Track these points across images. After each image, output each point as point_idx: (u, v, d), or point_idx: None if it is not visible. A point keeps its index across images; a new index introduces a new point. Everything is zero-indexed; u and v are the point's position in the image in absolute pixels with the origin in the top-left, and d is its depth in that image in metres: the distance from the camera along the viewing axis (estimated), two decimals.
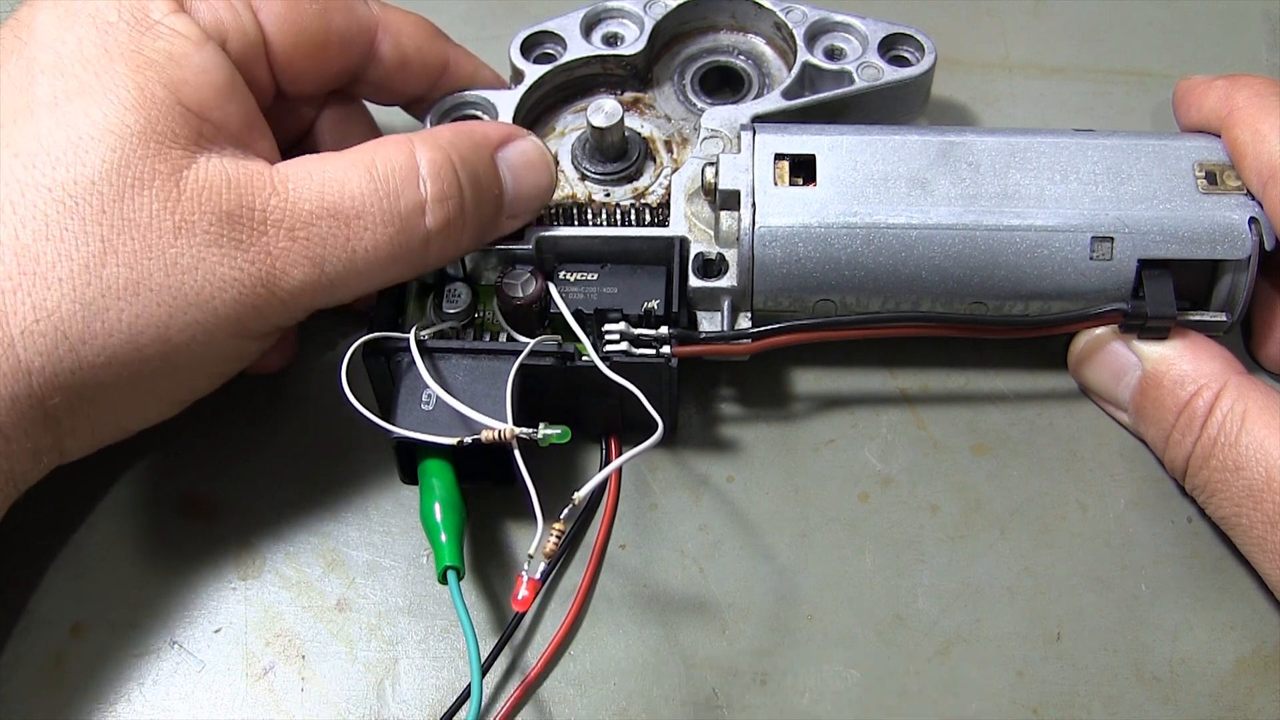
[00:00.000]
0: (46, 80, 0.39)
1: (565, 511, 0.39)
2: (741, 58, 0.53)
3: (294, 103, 0.47)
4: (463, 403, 0.41)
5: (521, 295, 0.44)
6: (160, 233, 0.38)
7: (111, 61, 0.39)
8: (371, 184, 0.41)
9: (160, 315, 0.38)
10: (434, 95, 0.49)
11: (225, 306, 0.39)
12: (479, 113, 0.49)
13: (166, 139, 0.39)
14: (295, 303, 0.40)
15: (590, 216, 0.47)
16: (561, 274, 0.45)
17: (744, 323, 0.46)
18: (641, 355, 0.43)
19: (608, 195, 0.49)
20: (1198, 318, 0.45)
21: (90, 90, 0.39)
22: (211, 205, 0.39)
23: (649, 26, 0.51)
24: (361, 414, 0.41)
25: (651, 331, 0.43)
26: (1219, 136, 0.46)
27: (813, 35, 0.51)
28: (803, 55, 0.50)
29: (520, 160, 0.44)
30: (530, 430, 0.41)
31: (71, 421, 0.39)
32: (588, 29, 0.52)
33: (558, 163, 0.48)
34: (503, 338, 0.45)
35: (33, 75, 0.39)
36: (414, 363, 0.42)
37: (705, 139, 0.48)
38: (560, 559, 0.45)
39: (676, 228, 0.46)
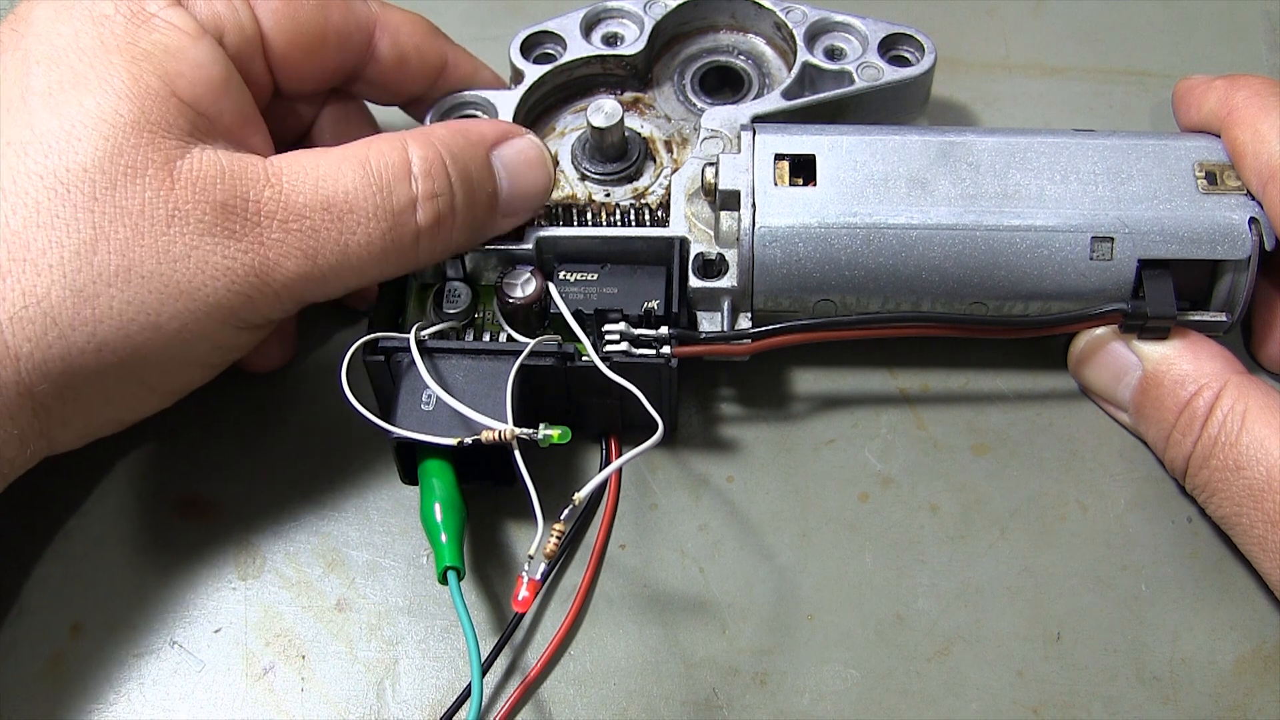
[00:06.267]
0: (41, 71, 0.39)
1: (565, 512, 0.39)
2: (741, 58, 0.53)
3: (293, 101, 0.47)
4: (463, 403, 0.41)
5: (521, 295, 0.44)
6: (153, 221, 0.38)
7: (107, 53, 0.39)
8: (365, 179, 0.41)
9: (151, 302, 0.38)
10: (433, 95, 0.49)
11: (217, 295, 0.39)
12: (478, 112, 0.49)
13: (160, 129, 0.39)
14: (288, 294, 0.41)
15: (590, 217, 0.47)
16: (561, 274, 0.45)
17: (744, 323, 0.46)
18: (641, 355, 0.43)
19: (608, 195, 0.49)
20: (1198, 318, 0.45)
21: (84, 80, 0.39)
22: (205, 195, 0.39)
23: (649, 26, 0.51)
24: (361, 414, 0.41)
25: (651, 331, 0.43)
26: (1219, 136, 0.46)
27: (813, 35, 0.51)
28: (803, 55, 0.50)
29: (517, 158, 0.44)
30: (530, 430, 0.41)
31: (62, 410, 0.39)
32: (588, 29, 0.51)
33: (557, 163, 0.48)
34: (503, 338, 0.45)
35: (28, 66, 0.39)
36: (414, 363, 0.42)
37: (705, 139, 0.48)
38: (560, 559, 0.45)
39: (676, 228, 0.46)
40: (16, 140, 0.38)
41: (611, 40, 0.52)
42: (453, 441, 0.41)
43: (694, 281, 0.45)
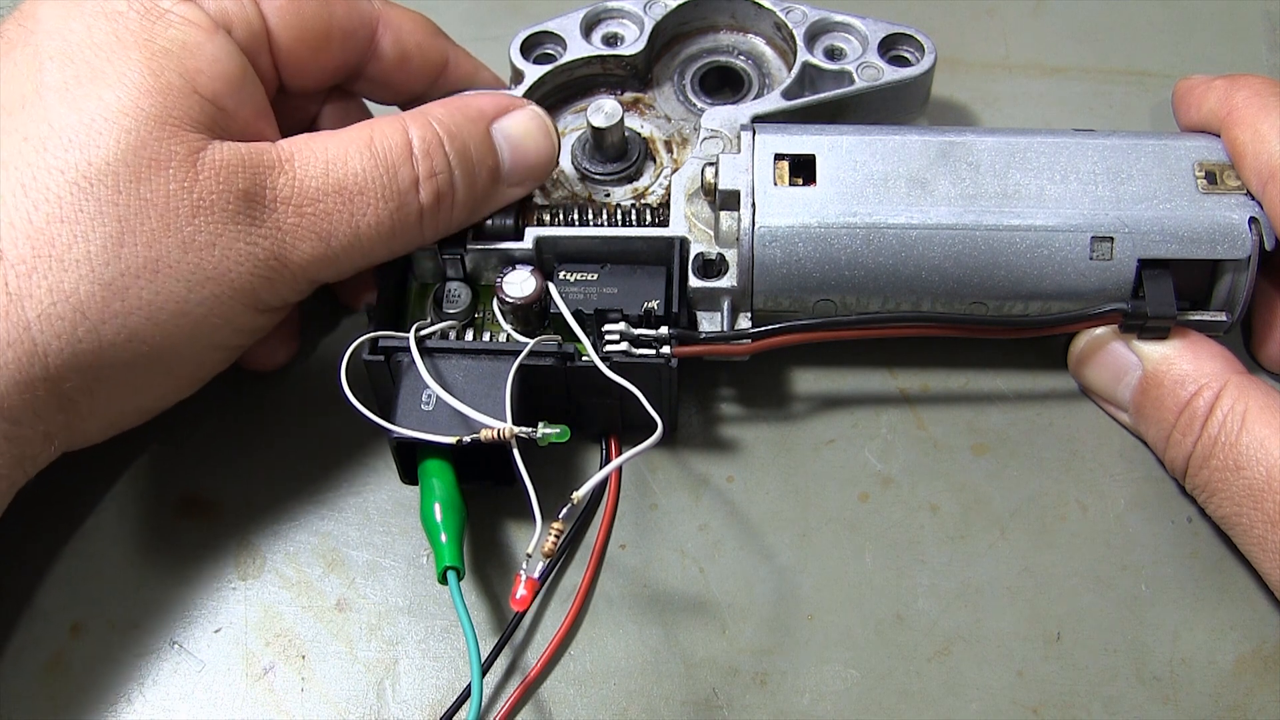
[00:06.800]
0: (55, 67, 0.39)
1: (564, 511, 0.39)
2: (741, 58, 0.53)
3: (296, 97, 0.47)
4: (462, 402, 0.41)
5: (521, 295, 0.44)
6: (178, 213, 0.39)
7: (124, 49, 0.39)
8: (372, 161, 0.41)
9: (179, 291, 0.39)
10: (433, 94, 0.49)
11: (241, 279, 0.40)
12: None
13: (183, 123, 0.39)
14: (304, 275, 0.41)
15: (590, 216, 0.47)
16: (561, 274, 0.45)
17: (744, 323, 0.46)
18: (641, 355, 0.43)
19: (608, 195, 0.49)
20: (1198, 318, 0.45)
21: (102, 75, 0.39)
22: (228, 185, 0.39)
23: (649, 26, 0.51)
24: (361, 414, 0.42)
25: (651, 331, 0.43)
26: (1219, 136, 0.46)
27: (813, 35, 0.51)
28: (803, 55, 0.50)
29: (518, 130, 0.45)
30: (529, 430, 0.41)
31: (89, 403, 0.39)
32: (588, 29, 0.52)
33: (557, 163, 0.48)
34: (503, 338, 0.45)
35: (40, 62, 0.39)
36: (414, 362, 0.42)
37: (705, 139, 0.48)
38: (560, 559, 0.45)
39: (676, 228, 0.46)
40: (34, 135, 0.38)
41: (611, 40, 0.52)
42: (452, 441, 0.41)
43: (694, 281, 0.45)
